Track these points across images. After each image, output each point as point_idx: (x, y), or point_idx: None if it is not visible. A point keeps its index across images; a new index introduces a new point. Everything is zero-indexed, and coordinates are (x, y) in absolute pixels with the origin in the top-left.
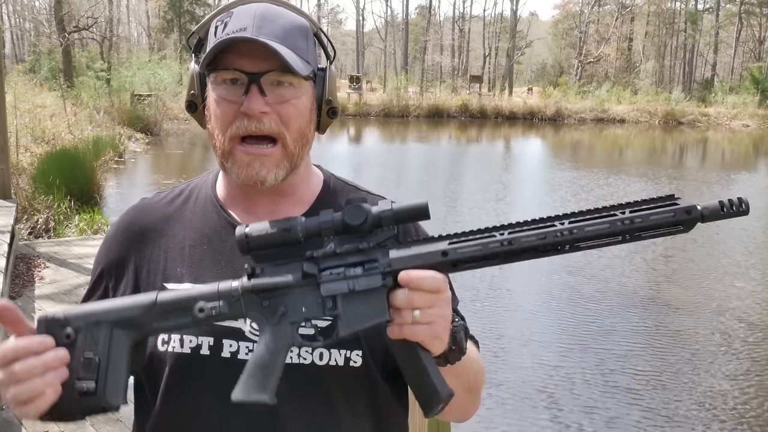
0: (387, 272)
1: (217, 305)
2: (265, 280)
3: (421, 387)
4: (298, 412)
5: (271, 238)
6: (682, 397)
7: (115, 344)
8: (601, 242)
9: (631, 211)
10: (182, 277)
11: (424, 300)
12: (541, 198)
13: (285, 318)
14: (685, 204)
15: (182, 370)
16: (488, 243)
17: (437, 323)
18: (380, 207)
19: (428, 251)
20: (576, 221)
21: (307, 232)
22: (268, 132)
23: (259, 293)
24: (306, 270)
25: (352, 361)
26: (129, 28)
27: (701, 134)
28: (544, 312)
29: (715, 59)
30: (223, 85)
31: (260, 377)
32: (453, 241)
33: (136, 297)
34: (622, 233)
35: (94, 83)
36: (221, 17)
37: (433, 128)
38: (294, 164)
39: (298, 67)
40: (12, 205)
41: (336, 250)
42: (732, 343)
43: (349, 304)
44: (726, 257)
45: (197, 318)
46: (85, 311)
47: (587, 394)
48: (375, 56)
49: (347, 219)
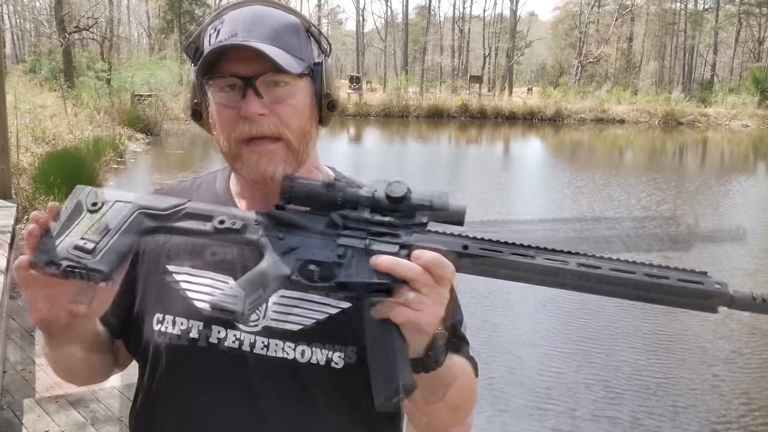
0: (405, 245)
1: (237, 222)
2: (290, 215)
3: (382, 371)
4: (279, 406)
5: (312, 188)
6: (683, 398)
7: (131, 223)
8: (619, 290)
9: (660, 271)
10: (183, 262)
11: (425, 283)
12: (541, 198)
13: (294, 252)
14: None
15: (172, 351)
16: (510, 251)
17: (425, 314)
18: (420, 196)
19: (449, 240)
20: (602, 260)
21: (345, 197)
22: (268, 134)
23: (280, 224)
24: (332, 219)
25: (333, 362)
26: (129, 28)
27: (701, 134)
28: (543, 313)
29: (715, 59)
30: (221, 91)
31: (243, 291)
32: (477, 240)
33: (172, 197)
34: (645, 287)
35: (95, 83)
36: (213, 24)
37: (433, 128)
38: (300, 160)
39: (290, 65)
40: (12, 206)
41: (366, 216)
42: (737, 347)
43: (359, 259)
44: (729, 259)
45: (215, 228)
46: (121, 193)
47: (588, 396)
48: (375, 56)
49: (389, 191)
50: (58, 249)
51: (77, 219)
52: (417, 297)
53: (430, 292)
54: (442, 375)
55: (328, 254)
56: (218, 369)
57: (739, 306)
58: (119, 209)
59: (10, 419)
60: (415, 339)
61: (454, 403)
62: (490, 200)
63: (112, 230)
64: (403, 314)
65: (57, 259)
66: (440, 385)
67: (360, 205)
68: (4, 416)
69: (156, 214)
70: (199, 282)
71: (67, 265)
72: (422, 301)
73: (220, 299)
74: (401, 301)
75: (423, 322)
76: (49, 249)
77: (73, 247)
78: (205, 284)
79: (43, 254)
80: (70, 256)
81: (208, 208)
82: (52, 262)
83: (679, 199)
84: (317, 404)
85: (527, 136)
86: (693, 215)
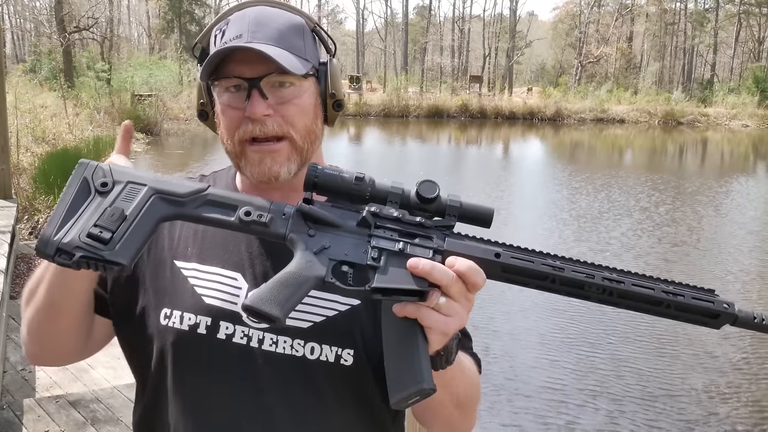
0: (439, 250)
1: (264, 215)
2: (320, 211)
3: (404, 369)
4: (287, 402)
5: (341, 181)
6: (683, 399)
7: (148, 210)
8: (638, 305)
9: (675, 288)
10: (190, 257)
11: (458, 290)
12: (541, 199)
13: (326, 252)
14: (724, 299)
15: (180, 346)
16: (540, 261)
17: (453, 320)
18: (450, 196)
19: (483, 247)
20: (624, 276)
21: (374, 192)
22: (273, 134)
23: (310, 220)
24: (364, 217)
25: (342, 359)
26: (129, 28)
27: (701, 134)
28: (544, 311)
29: (715, 59)
30: (227, 92)
31: (279, 295)
32: (507, 248)
33: (187, 180)
34: (662, 303)
35: (95, 83)
36: (219, 26)
37: (433, 128)
38: (304, 159)
39: (293, 66)
40: (12, 205)
41: (398, 215)
42: (739, 346)
43: (393, 262)
44: (733, 260)
45: (241, 219)
46: (132, 171)
47: (587, 396)
48: (375, 56)
49: (420, 190)
50: (69, 236)
51: (86, 200)
52: (448, 303)
53: (461, 299)
54: (451, 373)
55: (361, 255)
56: (226, 365)
57: (742, 325)
58: (133, 192)
59: (10, 419)
60: (437, 341)
61: (459, 400)
62: (490, 200)
63: (129, 217)
64: (432, 318)
65: (69, 248)
66: (447, 383)
67: (389, 201)
68: (4, 416)
69: (175, 200)
70: (207, 278)
71: (81, 255)
72: (452, 307)
73: (256, 303)
74: (432, 305)
75: (450, 327)
76: (58, 235)
77: (87, 235)
78: (213, 280)
79: (51, 242)
80: (83, 245)
81: (232, 196)
82: (64, 251)
83: (678, 200)
84: (326, 401)
85: (527, 136)
86: (696, 217)
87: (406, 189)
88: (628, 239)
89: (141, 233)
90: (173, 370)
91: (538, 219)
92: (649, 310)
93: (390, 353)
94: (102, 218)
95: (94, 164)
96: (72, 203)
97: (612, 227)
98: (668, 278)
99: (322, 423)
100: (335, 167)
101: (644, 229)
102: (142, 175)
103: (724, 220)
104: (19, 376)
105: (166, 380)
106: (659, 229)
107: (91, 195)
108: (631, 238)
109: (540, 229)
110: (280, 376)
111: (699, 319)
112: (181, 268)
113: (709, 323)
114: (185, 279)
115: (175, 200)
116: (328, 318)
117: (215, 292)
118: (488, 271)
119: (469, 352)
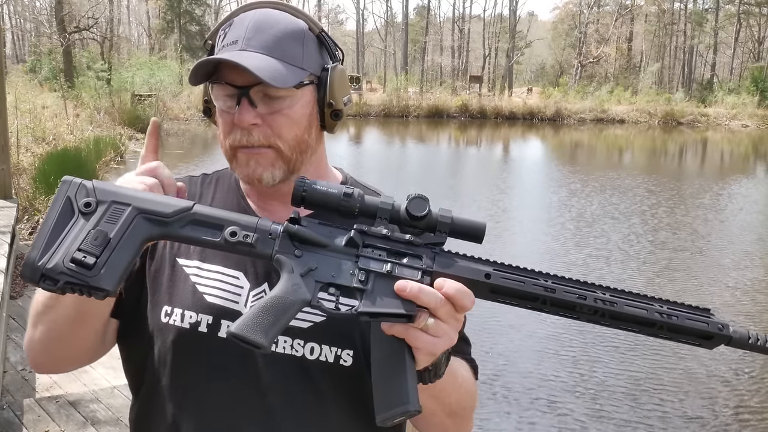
0: (428, 271)
1: (250, 235)
2: (307, 231)
3: (391, 389)
4: (287, 402)
5: (329, 197)
6: (682, 403)
7: (132, 231)
8: (632, 327)
9: (669, 308)
10: (192, 255)
11: (446, 312)
12: (540, 199)
13: (313, 274)
14: (718, 320)
15: (180, 345)
16: (531, 282)
17: (442, 341)
18: (441, 212)
19: (473, 268)
20: (617, 296)
21: (363, 208)
22: (258, 144)
23: (297, 241)
24: (352, 237)
25: (342, 360)
26: (129, 28)
27: (700, 135)
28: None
29: (714, 59)
30: (221, 97)
31: (265, 321)
32: (498, 268)
33: (172, 198)
34: (655, 325)
35: (95, 83)
36: (224, 26)
37: (433, 128)
38: (292, 168)
39: (280, 79)
40: (13, 206)
41: (387, 233)
42: (738, 354)
43: (381, 284)
44: (732, 269)
45: (227, 240)
46: (116, 189)
47: (586, 399)
48: (375, 56)
49: (410, 208)
50: (54, 261)
51: (69, 222)
52: (436, 324)
53: (449, 320)
54: (441, 385)
55: (348, 277)
56: (226, 364)
57: (736, 345)
58: (117, 213)
59: (10, 419)
60: (425, 360)
61: (451, 409)
62: (490, 200)
63: (113, 241)
64: (420, 340)
65: (53, 273)
66: (438, 395)
67: (378, 217)
68: (5, 416)
69: (160, 220)
70: (208, 276)
71: (65, 282)
72: (441, 328)
73: (241, 330)
74: (420, 327)
75: (438, 348)
76: (42, 259)
77: (71, 260)
78: (215, 278)
79: (35, 267)
80: (67, 271)
81: (218, 215)
82: (49, 277)
83: (678, 201)
84: (325, 401)
85: (527, 136)
86: (699, 219)
87: (395, 204)
88: (629, 245)
89: (125, 257)
90: (173, 368)
91: (539, 221)
92: (642, 331)
93: (377, 370)
94: (86, 242)
95: (78, 182)
96: (56, 225)
97: (612, 230)
98: (663, 297)
99: (321, 422)
100: (324, 182)
101: (644, 232)
102: (126, 194)
103: (725, 224)
104: (19, 376)
105: (166, 378)
106: (659, 233)
107: (74, 216)
108: (633, 243)
109: (541, 234)
110: (280, 376)
111: (693, 341)
112: (183, 265)
113: (704, 344)
114: (187, 277)
115: (159, 220)
116: (328, 318)
117: (217, 291)
118: (477, 292)
119: (467, 357)
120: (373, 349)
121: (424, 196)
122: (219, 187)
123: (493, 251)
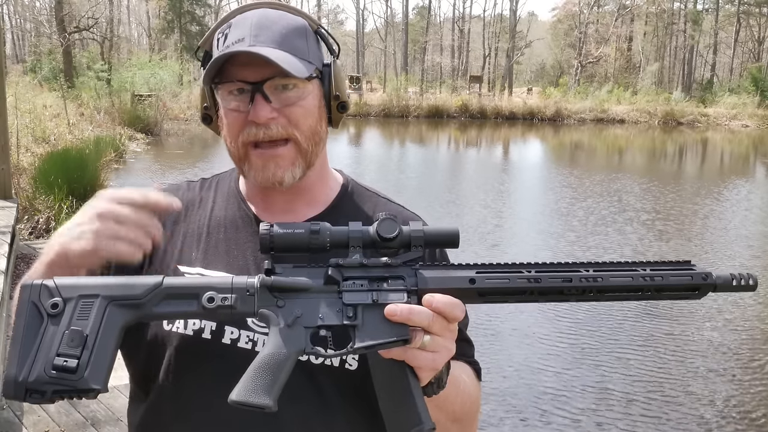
0: (412, 290)
1: (228, 297)
2: (285, 279)
3: (402, 413)
4: (292, 407)
5: (296, 239)
6: (681, 405)
7: (107, 322)
8: (621, 295)
9: (652, 270)
10: (194, 262)
11: (439, 327)
12: (540, 199)
13: (300, 321)
14: (701, 270)
15: (184, 352)
16: (516, 277)
17: (441, 355)
18: (412, 227)
19: (456, 276)
20: (600, 270)
21: (334, 240)
22: (277, 137)
23: (276, 292)
24: (330, 275)
25: (347, 364)
26: (129, 28)
27: (701, 135)
28: (542, 317)
29: (714, 60)
30: (230, 96)
31: (264, 380)
32: (481, 270)
33: (140, 277)
34: (642, 289)
35: (95, 84)
36: (222, 29)
37: (433, 128)
38: (309, 161)
39: (297, 69)
40: (13, 206)
41: (362, 261)
42: (736, 352)
43: (370, 315)
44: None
45: (205, 307)
46: (80, 282)
47: (586, 400)
48: (375, 56)
49: (380, 231)
50: (35, 373)
51: (40, 328)
52: (432, 339)
53: (444, 333)
54: (445, 395)
55: (336, 316)
56: (231, 370)
57: (723, 290)
58: (87, 307)
59: (10, 419)
60: (427, 377)
61: (456, 416)
62: (490, 200)
63: (90, 337)
64: (420, 358)
65: (38, 386)
66: (441, 404)
67: (351, 246)
68: (5, 416)
69: (132, 303)
70: None
71: (53, 391)
72: (437, 343)
73: (242, 396)
74: (417, 346)
75: (438, 362)
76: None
77: (52, 368)
78: None
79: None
80: (51, 380)
81: (191, 283)
82: (35, 390)
83: (678, 201)
84: (331, 405)
85: (527, 136)
86: (700, 217)
87: (365, 230)
88: (630, 246)
89: (107, 351)
90: (177, 374)
91: (539, 222)
92: (631, 297)
93: (383, 393)
94: (62, 345)
95: (38, 284)
96: (26, 334)
97: (613, 230)
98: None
99: (327, 426)
100: (286, 224)
101: (644, 232)
102: (91, 284)
103: (725, 224)
104: None
105: (170, 384)
106: (659, 233)
107: (43, 321)
108: (633, 244)
109: (542, 235)
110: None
111: (682, 295)
112: (185, 273)
113: (692, 296)
114: None
115: (132, 303)
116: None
117: None
118: (466, 298)
119: (470, 360)
120: (375, 374)
121: (393, 215)
122: (219, 192)
123: (494, 251)
